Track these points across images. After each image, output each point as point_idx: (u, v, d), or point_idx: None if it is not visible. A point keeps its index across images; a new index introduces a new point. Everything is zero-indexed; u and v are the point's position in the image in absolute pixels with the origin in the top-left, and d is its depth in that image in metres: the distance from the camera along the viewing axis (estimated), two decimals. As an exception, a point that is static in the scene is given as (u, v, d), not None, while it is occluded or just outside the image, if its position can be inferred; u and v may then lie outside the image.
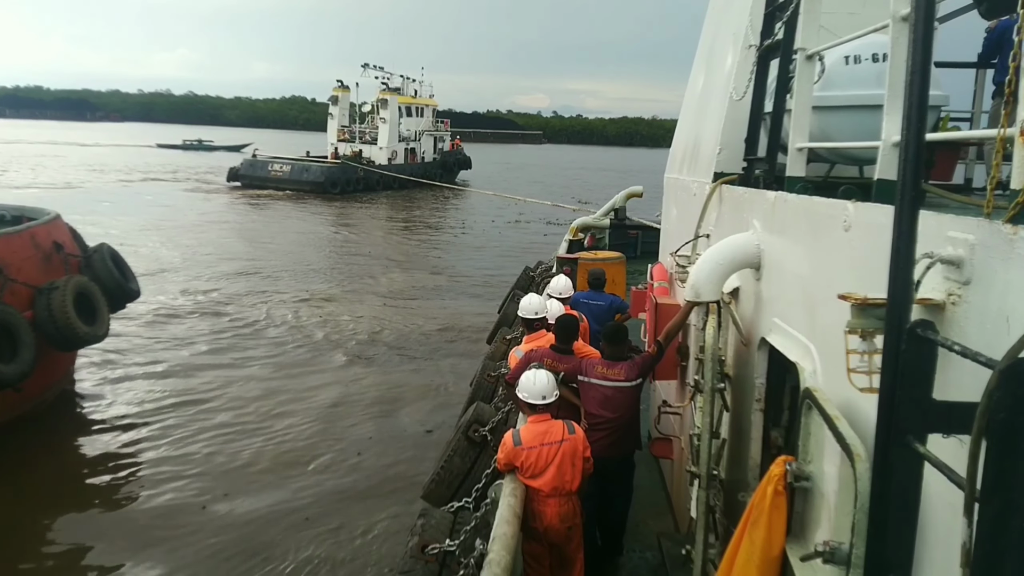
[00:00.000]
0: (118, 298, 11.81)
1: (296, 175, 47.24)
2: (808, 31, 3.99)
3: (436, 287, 21.32)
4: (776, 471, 2.86)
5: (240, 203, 40.67)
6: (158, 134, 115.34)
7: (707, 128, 6.68)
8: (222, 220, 33.41)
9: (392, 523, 8.23)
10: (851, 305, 2.26)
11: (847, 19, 4.58)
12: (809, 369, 3.22)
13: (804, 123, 4.05)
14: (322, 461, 9.82)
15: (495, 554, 4.13)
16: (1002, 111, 1.98)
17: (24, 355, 9.22)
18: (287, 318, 16.79)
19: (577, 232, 19.53)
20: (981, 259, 1.97)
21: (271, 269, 22.47)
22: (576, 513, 5.11)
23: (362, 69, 54.89)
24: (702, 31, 8.11)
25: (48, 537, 7.88)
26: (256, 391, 12.25)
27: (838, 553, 2.37)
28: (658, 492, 7.44)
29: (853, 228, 2.87)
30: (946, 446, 1.94)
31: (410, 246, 29.56)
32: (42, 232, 10.69)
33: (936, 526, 2.10)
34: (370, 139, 54.39)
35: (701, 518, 4.46)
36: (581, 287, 9.99)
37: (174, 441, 10.19)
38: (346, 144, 53.69)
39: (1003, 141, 1.98)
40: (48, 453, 9.80)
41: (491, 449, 6.07)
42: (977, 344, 1.83)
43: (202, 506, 8.57)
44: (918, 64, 1.96)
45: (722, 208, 5.50)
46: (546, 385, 5.30)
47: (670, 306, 6.17)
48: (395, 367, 13.88)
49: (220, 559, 7.58)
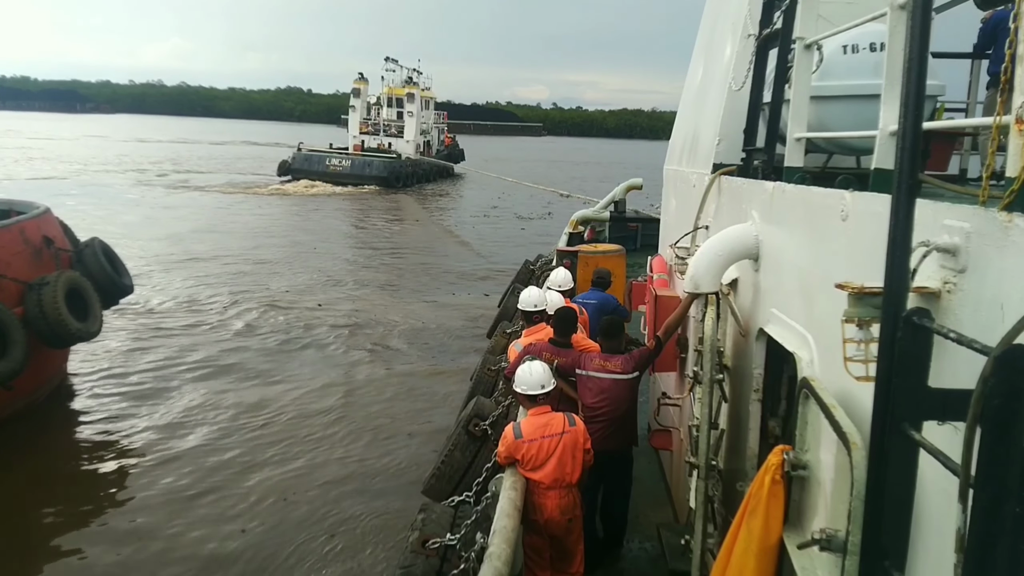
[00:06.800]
0: (111, 294, 11.64)
1: (358, 169, 46.66)
2: (807, 20, 3.99)
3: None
4: (774, 460, 2.87)
5: (340, 206, 39.40)
6: (154, 126, 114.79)
7: (706, 119, 6.67)
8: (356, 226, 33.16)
9: (392, 518, 8.23)
10: (848, 294, 2.26)
11: (845, 8, 4.56)
12: (806, 359, 3.23)
13: (802, 113, 4.05)
14: (322, 456, 9.81)
15: (496, 547, 4.16)
16: (997, 100, 1.98)
17: (15, 353, 9.08)
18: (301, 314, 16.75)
19: (577, 225, 19.55)
20: (976, 247, 1.98)
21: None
22: (576, 505, 5.13)
23: (384, 63, 55.66)
24: (701, 22, 8.09)
25: (41, 536, 7.82)
26: (253, 386, 12.23)
27: (835, 540, 2.39)
28: (657, 483, 7.47)
29: (850, 218, 2.87)
30: (941, 433, 1.95)
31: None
32: (31, 226, 10.49)
33: (931, 513, 2.11)
34: (396, 131, 54.36)
35: (700, 508, 4.48)
36: (582, 281, 9.99)
37: (169, 438, 10.15)
38: (370, 137, 53.44)
39: (998, 130, 1.99)
40: (40, 452, 9.72)
41: (491, 443, 6.09)
42: (972, 331, 1.84)
43: (197, 502, 8.56)
44: (915, 53, 1.97)
45: (721, 199, 5.50)
46: (542, 374, 5.32)
47: (670, 298, 6.18)
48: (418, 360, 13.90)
49: (217, 555, 7.57)
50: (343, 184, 45.79)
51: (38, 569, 7.36)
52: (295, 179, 46.53)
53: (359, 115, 54.45)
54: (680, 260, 6.12)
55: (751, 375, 4.30)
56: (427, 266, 23.67)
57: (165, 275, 19.93)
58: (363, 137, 53.36)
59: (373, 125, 54.72)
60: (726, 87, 5.82)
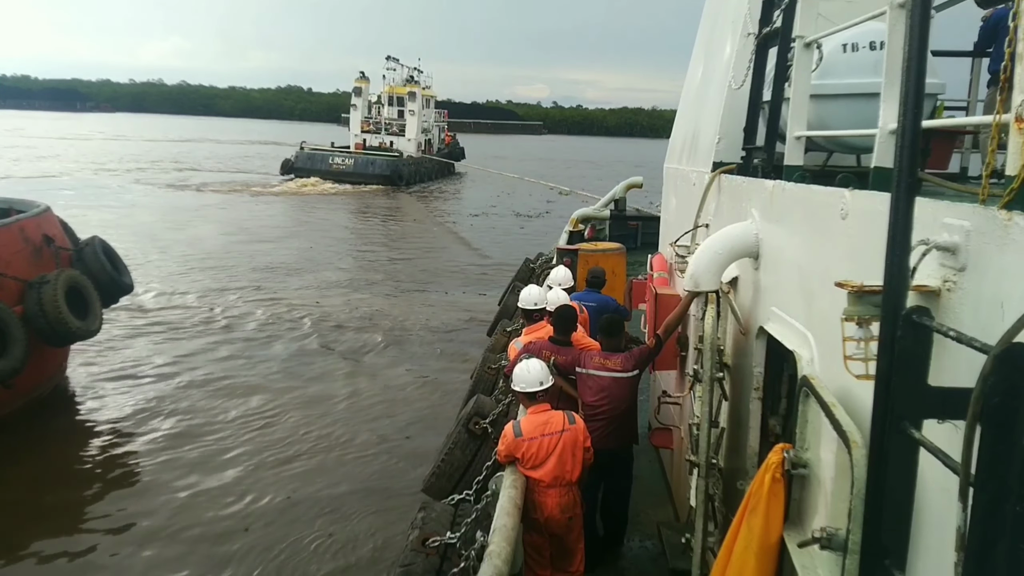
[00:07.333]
0: (111, 292, 11.64)
1: (361, 168, 46.60)
2: (806, 19, 3.99)
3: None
4: (774, 459, 2.88)
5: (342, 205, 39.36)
6: (155, 125, 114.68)
7: (706, 117, 6.67)
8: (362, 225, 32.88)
9: (392, 516, 8.24)
10: (848, 292, 2.26)
11: (845, 7, 4.56)
12: (806, 357, 3.23)
13: (802, 111, 4.05)
14: (322, 455, 9.82)
15: (496, 545, 4.16)
16: (997, 98, 1.98)
17: (15, 351, 9.10)
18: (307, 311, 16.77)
19: (577, 223, 19.55)
20: (976, 246, 1.98)
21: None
22: (576, 503, 5.13)
23: (385, 62, 55.73)
24: (701, 20, 8.08)
25: (41, 536, 7.81)
26: (253, 384, 12.23)
27: (835, 539, 2.39)
28: (658, 482, 7.47)
29: (850, 216, 2.87)
30: (941, 432, 1.95)
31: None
32: (32, 225, 10.51)
33: (931, 511, 2.11)
34: (397, 130, 54.35)
35: (700, 506, 4.48)
36: (581, 279, 9.99)
37: (169, 437, 10.15)
38: (372, 135, 53.45)
39: (998, 128, 1.99)
40: (40, 450, 9.72)
41: (492, 442, 6.09)
42: (972, 330, 1.84)
43: (198, 500, 8.56)
44: (915, 51, 1.97)
45: (721, 197, 5.50)
46: (540, 371, 5.32)
47: (670, 296, 6.18)
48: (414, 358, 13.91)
49: (216, 551, 7.58)
50: (346, 182, 45.76)
51: (38, 569, 7.36)
52: (298, 177, 46.53)
53: (360, 114, 54.43)
54: (680, 258, 6.11)
55: (751, 373, 4.30)
56: (427, 264, 23.67)
57: (166, 274, 19.92)
58: (365, 136, 53.35)
59: (374, 124, 54.69)
60: (726, 85, 5.82)
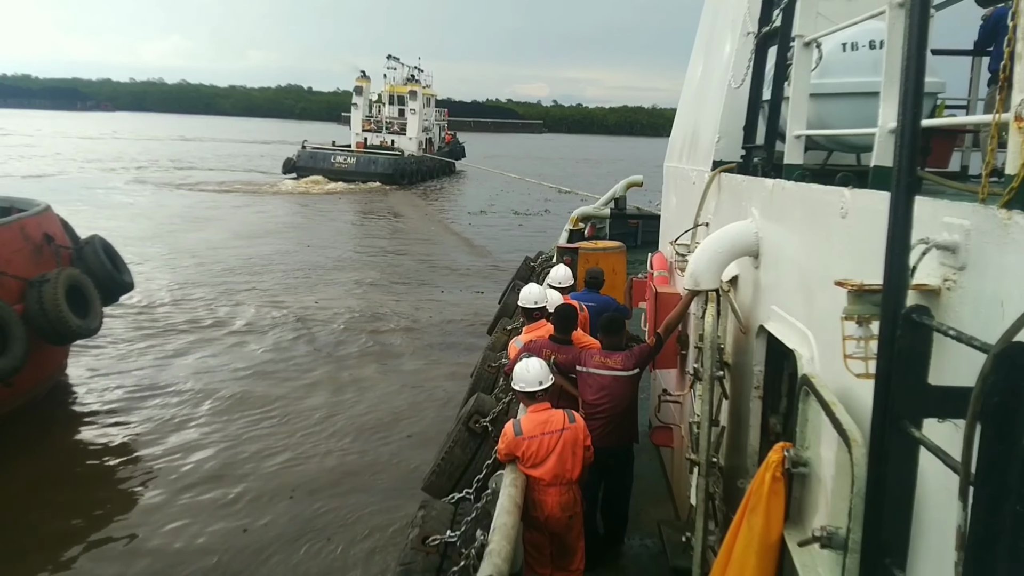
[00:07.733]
0: (111, 290, 11.66)
1: (363, 167, 46.75)
2: (806, 18, 3.99)
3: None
4: (774, 457, 2.88)
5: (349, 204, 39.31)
6: (155, 124, 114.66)
7: (706, 116, 6.67)
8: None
9: (393, 515, 8.24)
10: (848, 291, 2.26)
11: (845, 6, 4.56)
12: (807, 356, 3.23)
13: (802, 110, 4.05)
14: (322, 453, 9.82)
15: (496, 544, 4.16)
16: (997, 97, 1.98)
17: (15, 349, 9.10)
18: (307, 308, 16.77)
19: (578, 222, 19.56)
20: (976, 244, 1.98)
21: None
22: (577, 502, 5.13)
23: (386, 61, 55.87)
24: (701, 19, 8.08)
25: (40, 535, 7.80)
26: (253, 383, 12.21)
27: (835, 538, 2.40)
28: (658, 480, 7.47)
29: (850, 215, 2.87)
30: (941, 430, 1.96)
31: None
32: (32, 224, 10.53)
33: (931, 510, 2.11)
34: (398, 129, 54.42)
35: (701, 505, 4.49)
36: (582, 278, 9.98)
37: (169, 434, 10.15)
38: (373, 134, 53.55)
39: (998, 127, 1.99)
40: (40, 449, 9.73)
41: (492, 440, 6.08)
42: (972, 329, 1.84)
43: (197, 500, 8.56)
44: (914, 50, 1.97)
45: (721, 196, 5.50)
46: (539, 371, 5.32)
47: (670, 295, 6.18)
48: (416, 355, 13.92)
49: (217, 550, 7.57)
50: (348, 181, 45.85)
51: (38, 568, 7.35)
52: (300, 176, 46.61)
53: (361, 113, 54.48)
54: (680, 257, 6.11)
55: (751, 372, 4.30)
56: (428, 263, 23.66)
57: (166, 272, 19.91)
58: (366, 135, 53.45)
59: (375, 122, 54.78)
60: (726, 84, 5.82)
